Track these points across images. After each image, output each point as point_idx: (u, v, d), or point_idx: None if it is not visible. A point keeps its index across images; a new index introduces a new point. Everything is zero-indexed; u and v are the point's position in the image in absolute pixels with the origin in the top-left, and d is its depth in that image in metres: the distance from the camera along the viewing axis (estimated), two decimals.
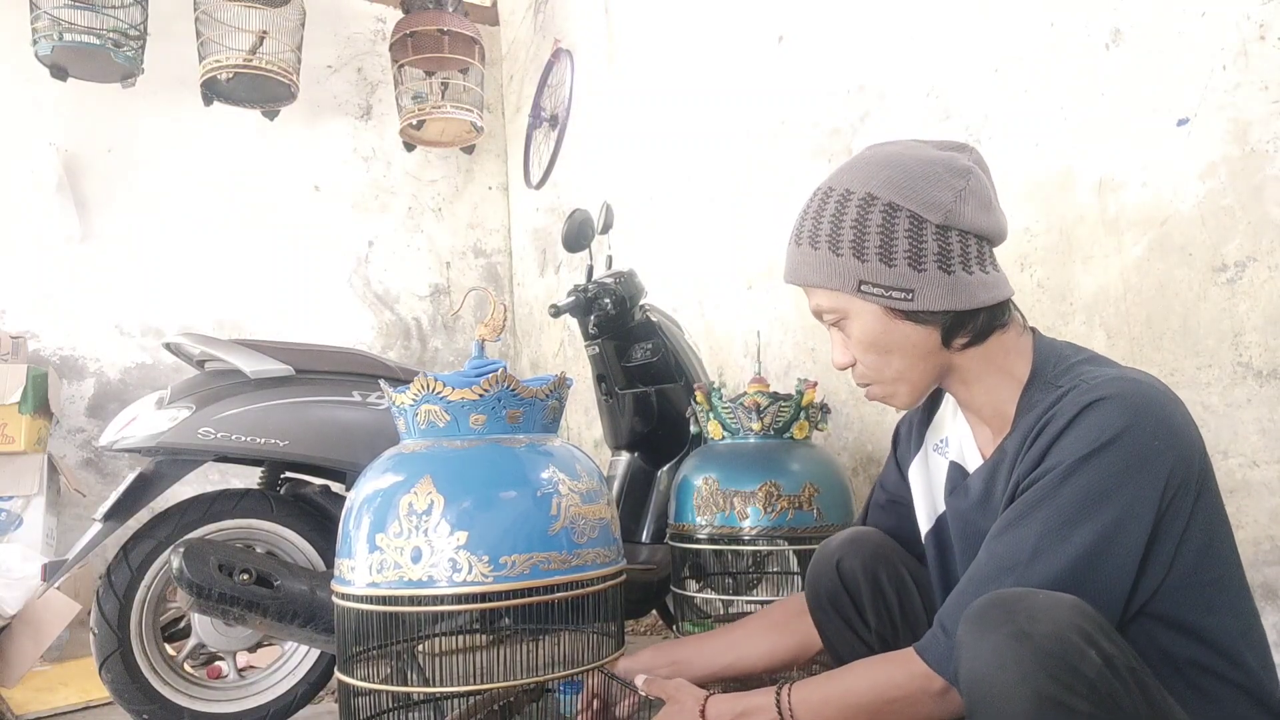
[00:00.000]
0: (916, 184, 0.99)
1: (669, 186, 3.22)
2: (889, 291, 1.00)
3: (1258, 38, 1.53)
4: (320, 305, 3.97)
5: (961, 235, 1.00)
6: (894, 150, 1.04)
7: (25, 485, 2.95)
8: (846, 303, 1.03)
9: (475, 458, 1.29)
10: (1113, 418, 0.90)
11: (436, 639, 1.39)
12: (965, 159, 1.03)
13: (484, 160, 4.49)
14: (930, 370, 1.05)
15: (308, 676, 2.02)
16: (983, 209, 1.01)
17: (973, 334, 1.02)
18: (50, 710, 2.31)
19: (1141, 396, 0.92)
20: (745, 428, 1.91)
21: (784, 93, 2.67)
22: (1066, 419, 0.92)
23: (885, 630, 1.23)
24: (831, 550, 1.28)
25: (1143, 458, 0.89)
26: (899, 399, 1.09)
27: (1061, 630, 0.78)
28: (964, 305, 1.00)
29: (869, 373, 1.07)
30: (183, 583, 1.66)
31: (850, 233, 1.00)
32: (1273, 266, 1.51)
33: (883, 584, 1.23)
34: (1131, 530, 0.88)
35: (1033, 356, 1.04)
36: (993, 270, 1.03)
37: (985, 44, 2.04)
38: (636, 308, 2.33)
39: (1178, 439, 0.91)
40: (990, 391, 1.05)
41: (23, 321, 3.39)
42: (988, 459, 1.07)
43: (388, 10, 4.22)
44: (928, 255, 0.99)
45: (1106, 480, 0.89)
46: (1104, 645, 0.79)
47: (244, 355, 1.94)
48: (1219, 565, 0.95)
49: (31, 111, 3.47)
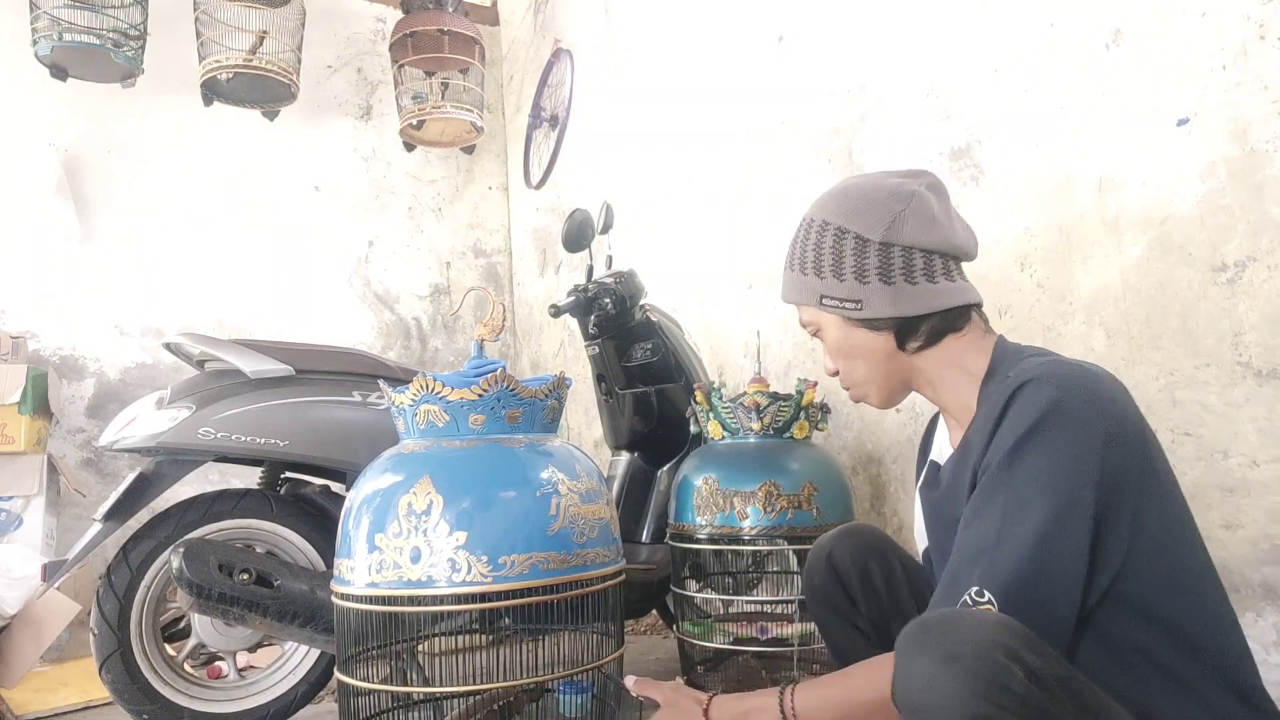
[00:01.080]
0: (860, 208, 1.13)
1: (669, 186, 3.22)
2: (842, 302, 1.14)
3: (1258, 38, 1.53)
4: (320, 305, 3.97)
5: (904, 250, 1.11)
6: (855, 182, 1.17)
7: (25, 485, 2.95)
8: (816, 315, 1.18)
9: (475, 458, 1.29)
10: (1041, 394, 0.96)
11: (436, 639, 1.39)
12: (914, 184, 1.14)
13: (484, 160, 4.49)
14: (893, 373, 1.17)
15: (308, 676, 2.02)
16: (924, 227, 1.11)
17: (925, 338, 1.13)
18: (50, 710, 2.31)
19: (1068, 373, 0.98)
20: (745, 428, 1.91)
21: (784, 93, 2.67)
22: (1003, 403, 0.99)
23: (876, 616, 1.31)
24: (824, 544, 1.38)
25: (1075, 427, 0.94)
26: (872, 399, 1.20)
27: (986, 650, 0.80)
28: (908, 311, 1.11)
29: (844, 377, 1.21)
30: (183, 583, 1.66)
31: (812, 255, 1.16)
32: (1273, 266, 1.51)
33: (872, 572, 1.32)
34: (1083, 497, 0.93)
35: (991, 355, 1.12)
36: (944, 280, 1.12)
37: (985, 44, 2.04)
38: (636, 308, 2.33)
39: (1106, 406, 0.96)
40: (953, 389, 1.14)
41: (23, 321, 3.39)
42: (955, 449, 1.15)
43: (388, 10, 4.22)
44: (870, 269, 1.11)
45: (1048, 455, 0.94)
46: (1029, 660, 0.81)
47: (244, 355, 1.93)
48: (1182, 551, 0.98)
49: (31, 111, 3.47)
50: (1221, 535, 1.58)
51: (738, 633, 1.92)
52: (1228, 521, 1.57)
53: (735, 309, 2.87)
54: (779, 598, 1.94)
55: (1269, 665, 1.54)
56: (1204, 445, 1.60)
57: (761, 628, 1.90)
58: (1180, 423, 1.64)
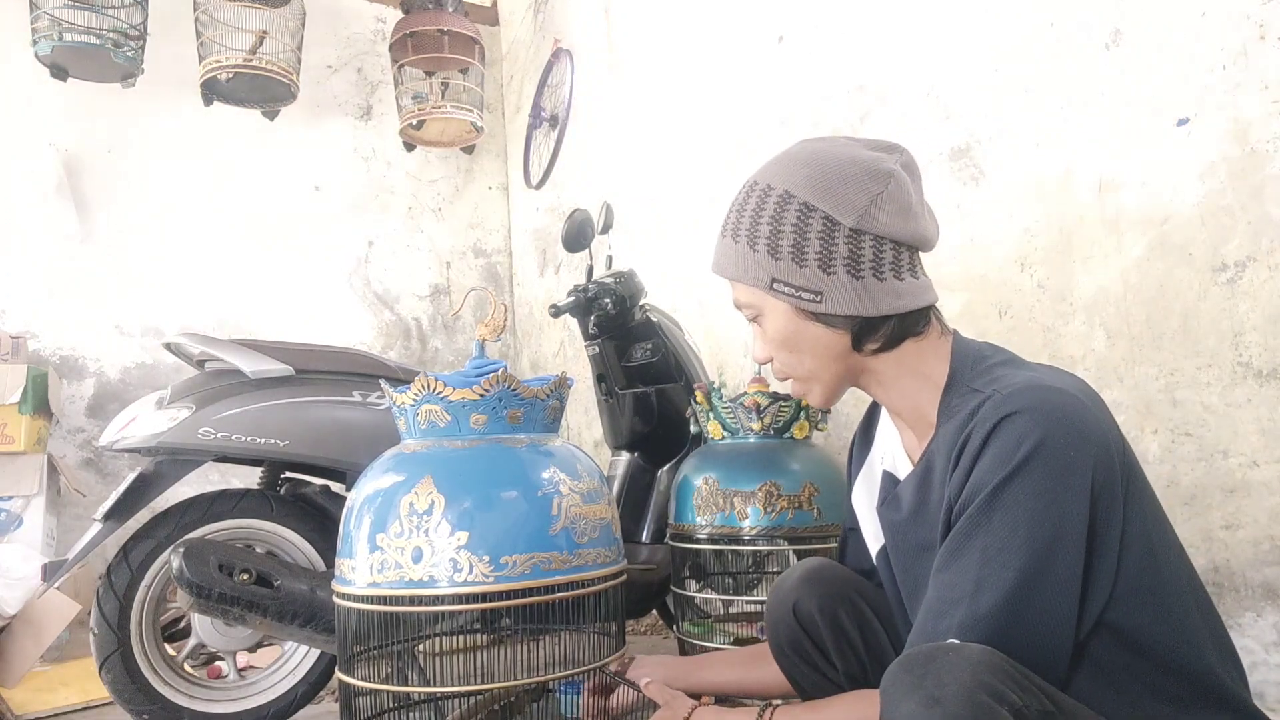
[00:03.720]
0: (833, 185, 0.99)
1: (669, 186, 3.22)
2: (799, 291, 1.00)
3: (1258, 38, 1.53)
4: (320, 305, 3.97)
5: (876, 240, 0.99)
6: (819, 148, 1.03)
7: (25, 485, 2.95)
8: (760, 299, 1.04)
9: (476, 458, 1.29)
10: (1026, 431, 0.88)
11: (437, 639, 1.39)
12: (891, 162, 1.01)
13: (484, 160, 4.49)
14: (842, 371, 1.06)
15: (308, 676, 2.02)
16: (900, 215, 1.00)
17: (885, 340, 1.02)
18: (50, 710, 2.31)
19: (1054, 403, 0.90)
20: (745, 428, 1.91)
21: (784, 93, 2.67)
22: (983, 436, 0.91)
23: (853, 669, 1.20)
24: (786, 593, 1.24)
25: (1063, 469, 0.88)
26: (813, 397, 1.09)
27: (969, 691, 0.77)
28: (872, 311, 0.99)
29: (784, 368, 1.08)
30: (183, 583, 1.66)
31: (766, 229, 1.01)
32: (1273, 266, 1.51)
33: (843, 623, 1.19)
34: (1068, 545, 0.87)
35: (950, 359, 1.03)
36: (909, 277, 1.01)
37: (985, 44, 2.04)
38: (636, 308, 2.33)
39: (1093, 443, 0.89)
40: (907, 395, 1.05)
41: (23, 321, 3.39)
42: (915, 465, 1.06)
43: (388, 10, 4.22)
44: (837, 258, 0.99)
45: (1032, 499, 0.88)
46: (1014, 698, 0.78)
47: (244, 355, 1.93)
48: (1164, 567, 0.93)
49: (31, 111, 3.47)
50: (1222, 536, 1.58)
51: (738, 633, 1.92)
52: (1228, 522, 1.57)
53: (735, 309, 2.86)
54: None
55: (1269, 665, 1.54)
56: (1204, 445, 1.60)
57: (761, 628, 1.90)
58: (1181, 423, 1.64)
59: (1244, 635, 1.55)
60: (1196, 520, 1.61)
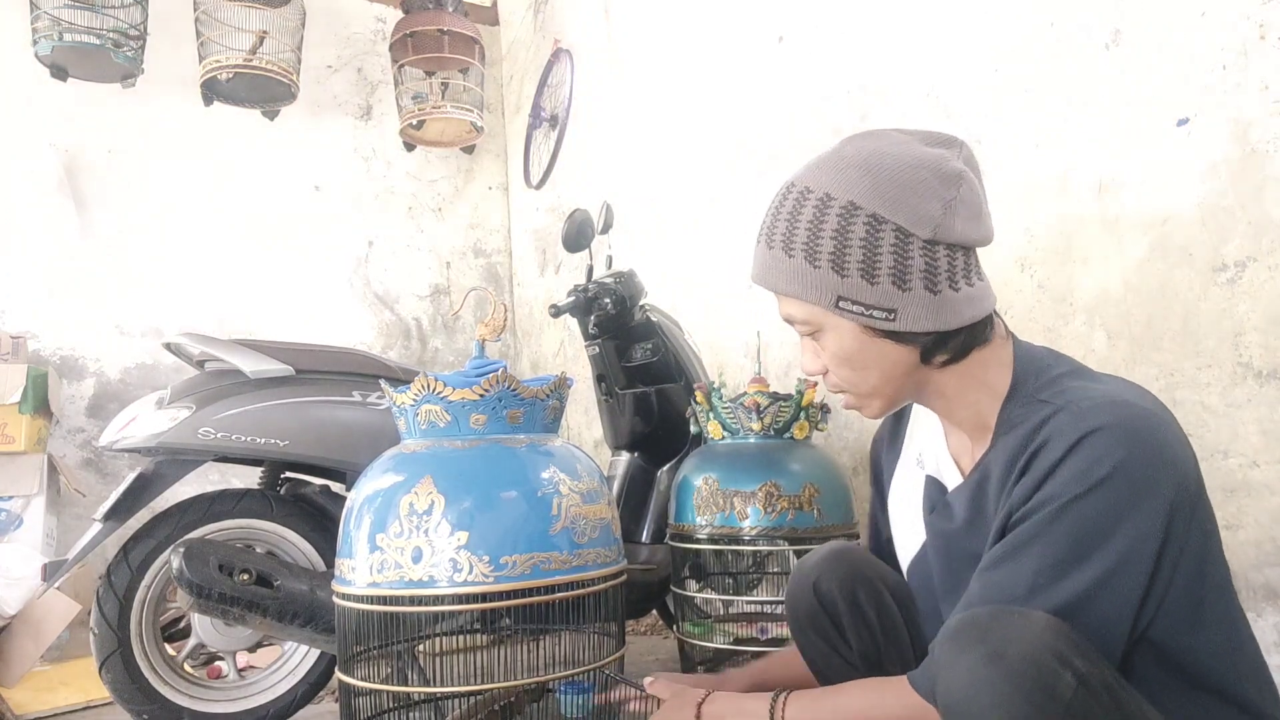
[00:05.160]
0: (903, 194, 0.92)
1: (669, 186, 3.22)
2: (870, 310, 0.94)
3: (1258, 38, 1.53)
4: (320, 305, 3.97)
5: (949, 249, 0.94)
6: (878, 148, 0.96)
7: (25, 485, 2.95)
8: (821, 316, 0.97)
9: (476, 458, 1.29)
10: (1110, 449, 0.85)
11: (437, 639, 1.39)
12: (956, 160, 0.96)
13: (484, 160, 4.49)
14: (907, 385, 1.01)
15: (308, 676, 2.02)
16: (973, 219, 0.94)
17: (954, 352, 0.97)
18: (50, 710, 2.31)
19: (1138, 422, 0.88)
20: (745, 428, 1.91)
21: (784, 93, 2.67)
22: (1063, 449, 0.87)
23: (868, 650, 1.20)
24: (808, 571, 1.24)
25: (1142, 491, 0.85)
26: (871, 410, 1.05)
27: (1035, 652, 0.77)
28: (948, 325, 0.94)
29: (842, 384, 1.03)
30: (183, 583, 1.66)
31: (830, 244, 0.94)
32: (1273, 266, 1.51)
33: (861, 604, 1.19)
34: (1134, 568, 0.85)
35: (1013, 366, 1.00)
36: (978, 281, 0.97)
37: (985, 44, 2.04)
38: (636, 308, 2.33)
39: (1175, 466, 0.87)
40: (969, 405, 1.01)
41: (23, 321, 3.39)
42: (968, 476, 1.03)
43: (388, 10, 4.22)
44: (914, 273, 0.92)
45: (1106, 516, 0.85)
46: (1079, 665, 0.77)
47: (244, 355, 1.93)
48: (1210, 585, 0.91)
49: (31, 111, 3.47)
50: (1223, 536, 1.57)
51: (738, 633, 1.92)
52: (1229, 522, 1.57)
53: (735, 309, 2.87)
54: (779, 598, 1.94)
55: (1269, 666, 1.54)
56: (1205, 446, 1.60)
57: (762, 628, 1.90)
58: (1181, 423, 1.64)
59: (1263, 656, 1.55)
60: None
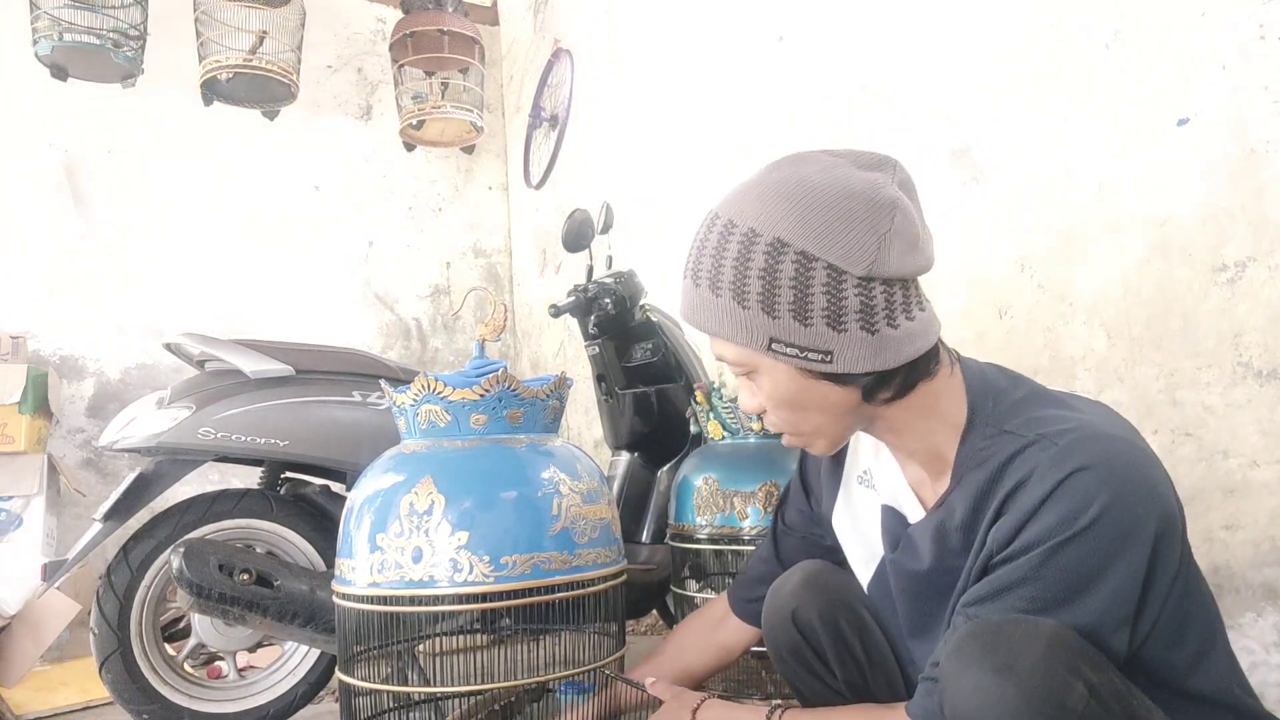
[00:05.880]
0: (833, 228, 0.86)
1: (669, 186, 3.22)
2: (804, 352, 0.89)
3: (1258, 38, 1.53)
4: (320, 305, 3.97)
5: (886, 285, 0.87)
6: (803, 177, 0.89)
7: (25, 485, 2.95)
8: (755, 358, 0.92)
9: (476, 458, 1.29)
10: (1095, 491, 0.83)
11: (437, 639, 1.39)
12: (890, 185, 0.89)
13: (484, 160, 4.49)
14: (850, 423, 0.97)
15: (308, 676, 2.02)
16: (909, 251, 0.88)
17: (897, 389, 0.93)
18: (50, 710, 2.31)
19: (1120, 460, 0.85)
20: (745, 428, 1.91)
21: (784, 93, 2.67)
22: (1045, 490, 0.85)
23: (854, 678, 1.17)
24: (785, 599, 1.20)
25: (1128, 530, 0.83)
26: (818, 449, 1.01)
27: (1046, 663, 0.76)
28: (888, 364, 0.89)
29: (782, 425, 0.99)
30: (183, 583, 1.66)
31: (758, 283, 0.88)
32: (1273, 266, 1.51)
33: (844, 633, 1.16)
34: (1121, 604, 0.84)
35: (966, 395, 0.96)
36: (919, 312, 0.91)
37: (985, 44, 2.04)
38: (637, 308, 2.33)
39: (1159, 501, 0.86)
40: (922, 437, 0.97)
41: (23, 321, 3.38)
42: (931, 511, 0.99)
43: (388, 10, 4.22)
44: (849, 313, 0.87)
45: (1095, 558, 0.83)
46: (1089, 675, 0.77)
47: (244, 355, 1.93)
48: (1190, 599, 0.91)
49: (32, 111, 3.47)
50: (1222, 536, 1.58)
51: None
52: (1228, 522, 1.57)
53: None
54: None
55: (1269, 665, 1.54)
56: (1204, 446, 1.60)
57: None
58: (1181, 423, 1.64)
59: (1244, 635, 1.55)
60: (1196, 521, 1.61)
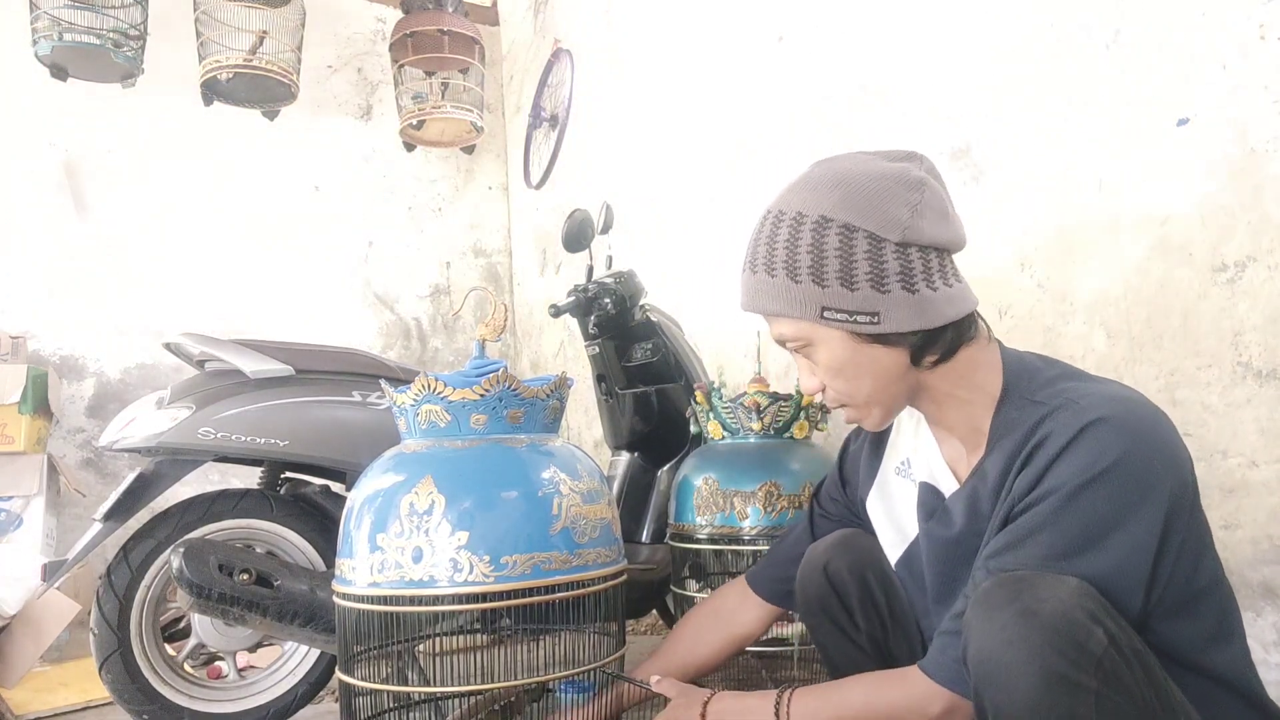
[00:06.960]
0: (870, 202, 0.97)
1: (669, 186, 3.22)
2: (853, 316, 0.97)
3: (1258, 38, 1.53)
4: (320, 305, 3.97)
5: (922, 250, 0.97)
6: (842, 167, 1.01)
7: (25, 485, 2.95)
8: (810, 330, 1.01)
9: (476, 458, 1.29)
10: (1112, 441, 0.88)
11: (437, 639, 1.39)
12: (917, 169, 1.01)
13: (484, 160, 4.49)
14: (902, 391, 1.04)
15: (308, 676, 2.02)
16: (940, 220, 0.99)
17: (942, 351, 1.00)
18: (50, 710, 2.31)
19: (1137, 418, 0.91)
20: (745, 428, 1.91)
21: (784, 93, 2.67)
22: (1064, 440, 0.90)
23: (875, 631, 1.23)
24: (819, 554, 1.27)
25: (1145, 483, 0.88)
26: (870, 421, 1.07)
27: (1068, 608, 0.79)
28: (932, 323, 0.98)
29: (840, 396, 1.05)
30: (183, 583, 1.66)
31: (807, 258, 0.98)
32: (1273, 266, 1.51)
33: (870, 585, 1.22)
34: (1138, 559, 0.87)
35: (1003, 370, 1.03)
36: (955, 282, 1.01)
37: (985, 44, 2.04)
38: (637, 308, 2.33)
39: (1174, 460, 0.90)
40: (962, 407, 1.04)
41: (23, 321, 3.39)
42: (965, 481, 1.05)
43: (388, 10, 4.22)
44: (890, 275, 0.96)
45: (1112, 506, 0.87)
46: (1109, 625, 0.80)
47: (244, 355, 1.93)
48: (1203, 576, 0.94)
49: (32, 111, 3.47)
50: (1221, 535, 1.58)
51: None
52: (1228, 522, 1.57)
53: (735, 309, 2.86)
54: None
55: (1269, 665, 1.54)
56: (1204, 445, 1.60)
57: None
58: (1181, 423, 1.64)
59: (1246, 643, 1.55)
60: None
